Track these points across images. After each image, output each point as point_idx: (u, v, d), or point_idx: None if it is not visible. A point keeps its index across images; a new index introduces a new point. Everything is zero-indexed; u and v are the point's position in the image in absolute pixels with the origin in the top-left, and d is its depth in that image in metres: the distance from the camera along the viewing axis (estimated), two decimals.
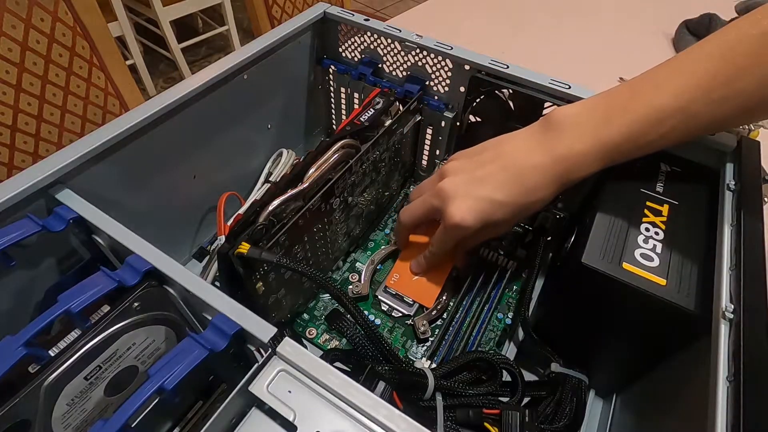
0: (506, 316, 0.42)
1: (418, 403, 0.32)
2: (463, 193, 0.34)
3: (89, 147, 0.31)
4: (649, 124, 0.29)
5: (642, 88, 0.30)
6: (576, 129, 0.31)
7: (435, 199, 0.36)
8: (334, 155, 0.37)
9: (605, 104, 0.31)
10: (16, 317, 0.31)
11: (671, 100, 0.28)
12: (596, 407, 0.38)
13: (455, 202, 0.34)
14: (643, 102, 0.29)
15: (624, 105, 0.30)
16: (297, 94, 0.51)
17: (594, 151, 0.30)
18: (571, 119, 0.32)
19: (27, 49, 0.65)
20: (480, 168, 0.34)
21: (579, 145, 0.31)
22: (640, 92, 0.30)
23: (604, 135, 0.30)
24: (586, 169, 0.31)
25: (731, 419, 0.21)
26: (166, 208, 0.40)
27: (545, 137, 0.32)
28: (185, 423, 0.32)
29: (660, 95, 0.29)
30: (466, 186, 0.34)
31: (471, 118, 0.44)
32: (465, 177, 0.34)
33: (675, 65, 0.29)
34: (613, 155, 0.31)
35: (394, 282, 0.42)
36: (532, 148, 0.33)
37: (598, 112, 0.31)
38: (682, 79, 0.28)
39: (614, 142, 0.30)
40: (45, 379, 0.23)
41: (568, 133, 0.31)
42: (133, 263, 0.26)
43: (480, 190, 0.34)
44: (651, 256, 0.29)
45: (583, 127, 0.31)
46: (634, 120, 0.29)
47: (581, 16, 0.89)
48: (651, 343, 0.31)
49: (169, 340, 0.29)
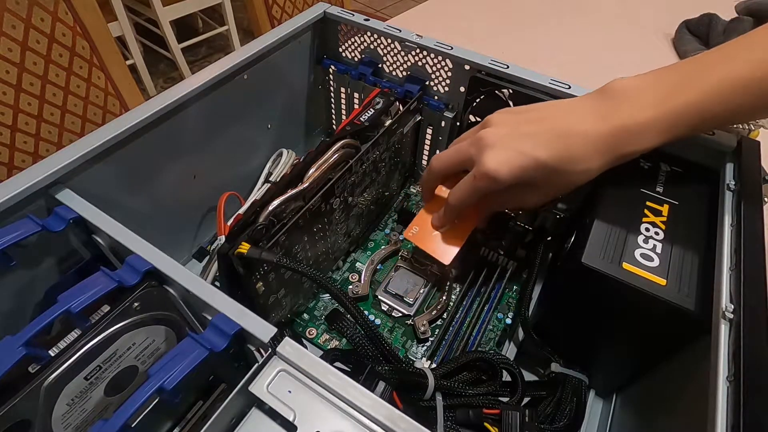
0: (506, 316, 0.42)
1: (418, 403, 0.32)
2: (504, 144, 0.31)
3: (89, 147, 0.31)
4: (721, 95, 0.27)
5: (713, 60, 0.28)
6: (639, 98, 0.29)
7: (472, 147, 0.33)
8: (334, 155, 0.37)
9: (673, 74, 0.29)
10: (16, 317, 0.31)
11: (747, 71, 0.27)
12: (596, 407, 0.38)
13: (493, 151, 0.31)
14: (716, 72, 0.28)
15: (694, 75, 0.28)
16: (297, 94, 0.51)
17: (657, 122, 0.28)
18: (633, 89, 0.30)
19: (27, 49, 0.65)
20: (527, 124, 0.32)
21: (641, 115, 0.29)
22: (714, 62, 0.28)
23: (671, 105, 0.28)
24: (644, 142, 0.29)
25: (731, 419, 0.21)
26: (166, 208, 0.40)
27: (603, 105, 0.30)
28: (185, 423, 0.32)
29: (734, 66, 0.27)
30: (508, 138, 0.31)
31: (471, 118, 0.44)
32: (508, 129, 0.32)
33: (747, 40, 0.28)
34: (676, 129, 0.29)
35: (412, 235, 0.40)
36: (587, 114, 0.30)
37: (664, 82, 0.29)
38: (758, 53, 0.27)
39: (680, 112, 0.28)
40: (45, 379, 0.23)
41: (630, 101, 0.29)
42: (133, 263, 0.26)
43: (522, 144, 0.31)
44: (651, 256, 0.29)
45: (648, 96, 0.29)
46: (705, 90, 0.28)
47: (581, 16, 0.89)
48: (651, 343, 0.31)
49: (169, 340, 0.29)
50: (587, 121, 0.30)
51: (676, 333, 0.29)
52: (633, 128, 0.29)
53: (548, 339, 0.37)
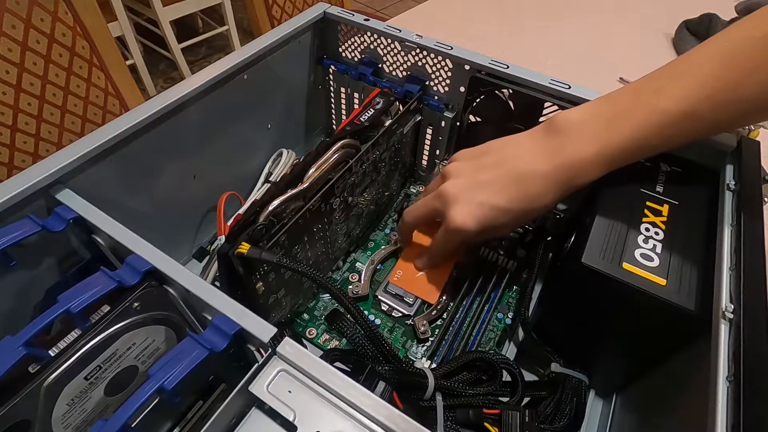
0: (506, 316, 0.42)
1: (418, 403, 0.32)
2: (465, 198, 0.34)
3: (89, 147, 0.31)
4: (654, 128, 0.29)
5: (646, 91, 0.30)
6: (580, 135, 0.31)
7: (437, 201, 0.36)
8: (334, 155, 0.37)
9: (609, 109, 0.31)
10: (16, 317, 0.31)
11: (675, 104, 0.28)
12: (596, 407, 0.38)
13: (456, 207, 0.34)
14: (648, 106, 0.29)
15: (628, 109, 0.30)
16: (297, 94, 0.51)
17: (599, 157, 0.30)
18: (575, 125, 0.31)
19: (27, 49, 0.65)
20: (482, 172, 0.34)
21: (583, 152, 0.31)
22: (644, 96, 0.30)
23: (609, 141, 0.30)
24: (589, 175, 0.31)
25: (731, 419, 0.21)
26: (166, 208, 0.40)
27: (549, 143, 0.32)
28: (185, 423, 0.32)
29: (664, 99, 0.28)
30: (467, 190, 0.34)
31: (471, 118, 0.44)
32: (466, 181, 0.34)
33: (678, 68, 0.29)
34: (616, 160, 0.31)
35: (397, 279, 0.42)
36: (536, 154, 0.32)
37: (602, 118, 0.31)
38: (687, 83, 0.28)
39: (619, 147, 0.30)
40: (45, 379, 0.23)
41: (573, 138, 0.31)
42: (133, 263, 0.26)
43: (481, 195, 0.33)
44: (651, 256, 0.29)
45: (588, 133, 0.31)
46: (638, 125, 0.29)
47: (581, 15, 0.89)
48: (651, 343, 0.31)
49: (169, 340, 0.29)
50: (537, 160, 0.32)
51: (676, 333, 0.29)
52: (577, 165, 0.31)
53: (548, 339, 0.37)
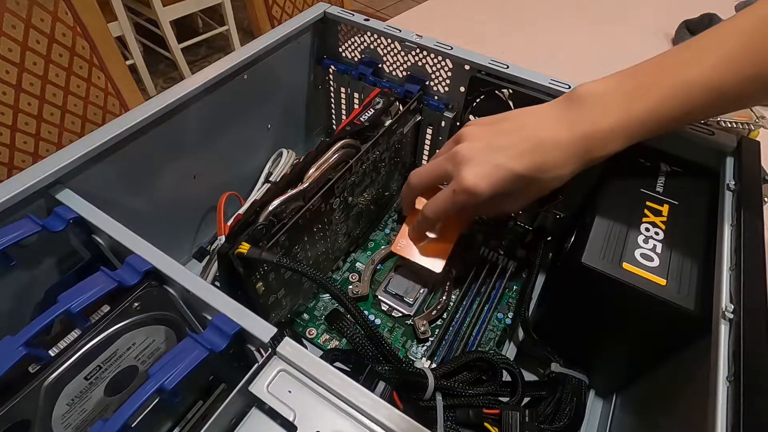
0: (506, 316, 0.42)
1: (418, 403, 0.32)
2: (480, 159, 0.32)
3: (89, 147, 0.31)
4: (677, 100, 0.28)
5: (670, 64, 0.29)
6: (601, 105, 0.30)
7: (449, 162, 0.34)
8: (334, 155, 0.37)
9: (632, 80, 0.30)
10: (16, 317, 0.31)
11: (701, 76, 0.28)
12: (596, 407, 0.38)
13: (470, 167, 0.32)
14: (672, 77, 0.29)
15: (651, 81, 0.29)
16: (297, 94, 0.51)
17: (619, 128, 0.30)
18: (596, 95, 0.31)
19: (27, 49, 0.65)
20: (499, 136, 0.33)
21: (604, 122, 0.30)
22: (669, 68, 0.29)
23: (630, 112, 0.29)
24: (609, 147, 0.30)
25: (731, 419, 0.21)
26: (166, 208, 0.40)
27: (569, 112, 0.31)
28: (185, 423, 0.32)
29: (689, 70, 0.28)
30: (483, 151, 0.32)
31: (471, 118, 0.44)
32: (483, 143, 0.33)
33: (703, 42, 0.29)
34: (637, 132, 0.30)
35: (400, 248, 0.40)
36: (556, 123, 0.32)
37: (624, 88, 0.30)
38: (713, 56, 0.28)
39: (640, 118, 0.29)
40: (45, 379, 0.23)
41: (594, 109, 0.31)
42: (133, 263, 0.26)
43: (498, 157, 0.32)
44: (651, 256, 0.29)
45: (609, 103, 0.30)
46: (662, 96, 0.29)
47: (581, 15, 0.89)
48: (651, 343, 0.31)
49: (169, 340, 0.29)
50: (556, 129, 0.31)
51: (676, 333, 0.29)
52: (598, 135, 0.30)
53: (548, 339, 0.37)
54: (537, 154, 0.31)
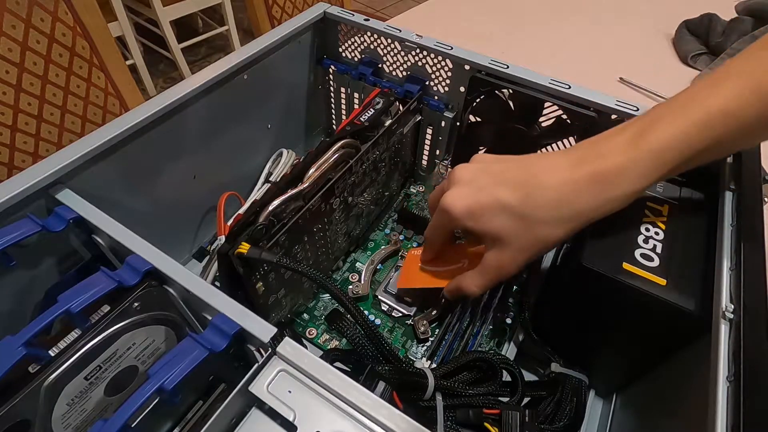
0: (506, 316, 0.42)
1: (418, 403, 0.32)
2: (468, 180, 0.31)
3: (89, 147, 0.31)
4: (696, 129, 0.25)
5: (688, 94, 0.27)
6: (610, 141, 0.27)
7: (447, 181, 0.33)
8: (334, 155, 0.37)
9: (645, 116, 0.28)
10: (16, 317, 0.31)
11: (722, 103, 0.25)
12: (596, 407, 0.38)
13: (456, 186, 0.31)
14: (689, 107, 0.26)
15: (666, 111, 0.27)
16: (297, 94, 0.51)
17: (631, 162, 0.26)
18: (606, 135, 0.28)
19: (27, 49, 0.65)
20: (498, 163, 0.31)
21: (617, 157, 0.26)
22: (686, 98, 0.27)
23: (644, 143, 0.26)
24: (622, 186, 0.26)
25: (731, 419, 0.21)
26: (166, 208, 0.40)
27: (577, 151, 0.29)
28: (185, 423, 0.32)
29: (708, 98, 0.26)
30: (474, 173, 0.31)
31: (471, 118, 0.44)
32: (480, 166, 0.32)
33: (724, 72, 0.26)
34: (654, 167, 0.26)
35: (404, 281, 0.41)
36: (560, 162, 0.28)
37: (636, 124, 0.27)
38: (736, 83, 0.25)
39: (654, 150, 0.26)
40: (45, 379, 0.23)
41: (600, 147, 0.27)
42: (133, 263, 0.26)
43: (484, 180, 0.30)
44: (651, 256, 0.29)
45: (620, 139, 0.27)
46: (678, 126, 0.26)
47: (581, 16, 0.89)
48: (651, 343, 0.31)
49: (169, 340, 0.29)
50: (558, 167, 0.28)
51: (676, 333, 0.29)
52: (606, 172, 0.27)
53: (548, 339, 0.37)
54: (528, 187, 0.28)
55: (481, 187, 0.30)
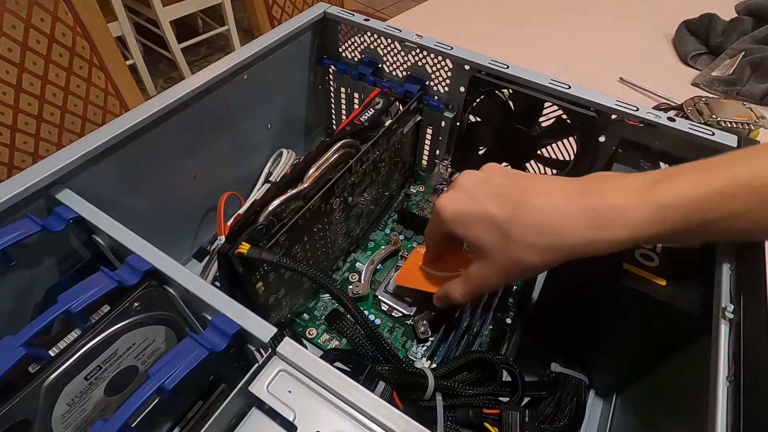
0: (506, 316, 0.42)
1: (418, 403, 0.32)
2: (466, 188, 0.31)
3: (89, 147, 0.31)
4: (715, 194, 0.23)
5: (712, 160, 0.25)
6: (618, 181, 0.26)
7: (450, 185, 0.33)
8: (334, 155, 0.37)
9: (672, 169, 0.25)
10: (16, 317, 0.31)
11: (746, 172, 0.23)
12: (596, 407, 0.38)
13: (452, 190, 0.31)
14: (710, 170, 0.24)
15: (684, 169, 0.25)
16: (297, 94, 0.51)
17: (634, 209, 0.24)
18: (614, 174, 0.27)
19: (27, 49, 0.65)
20: (499, 177, 0.30)
21: (616, 197, 0.25)
22: (708, 162, 0.24)
23: (651, 192, 0.24)
24: (615, 231, 0.24)
25: (731, 419, 0.21)
26: (166, 208, 0.40)
27: (580, 183, 0.27)
28: (185, 423, 0.32)
29: (733, 166, 0.24)
30: (473, 180, 0.31)
31: (471, 118, 0.44)
32: (484, 176, 0.31)
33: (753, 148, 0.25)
34: (655, 220, 0.24)
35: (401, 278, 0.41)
36: (560, 189, 0.27)
37: (658, 173, 0.25)
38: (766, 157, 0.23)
39: (660, 203, 0.24)
40: (45, 379, 0.23)
41: (606, 184, 0.26)
42: (133, 263, 0.26)
43: (478, 188, 0.30)
44: (651, 256, 0.29)
45: (633, 179, 0.25)
46: (698, 183, 0.23)
47: (581, 15, 0.89)
48: (651, 343, 0.31)
49: (169, 340, 0.29)
50: (555, 193, 0.27)
51: (676, 333, 0.29)
52: (604, 210, 0.25)
53: (548, 339, 0.37)
54: (519, 205, 0.27)
55: (474, 195, 0.30)
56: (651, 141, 0.36)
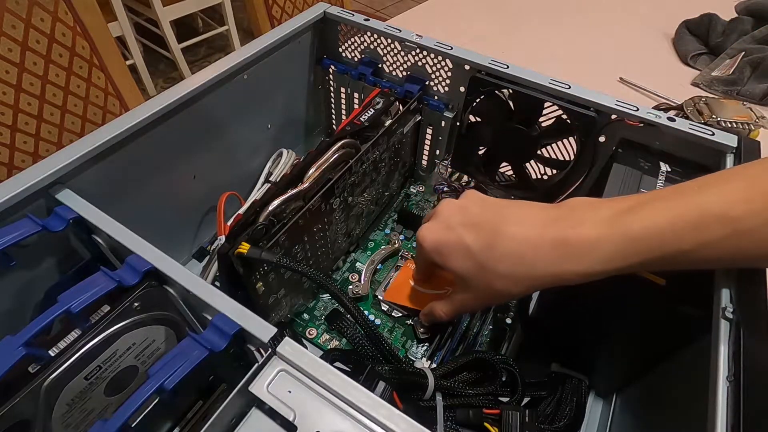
0: (506, 316, 0.42)
1: (418, 403, 0.32)
2: (444, 218, 0.31)
3: (89, 147, 0.31)
4: (687, 223, 0.23)
5: (685, 186, 0.24)
6: (590, 211, 0.26)
7: (431, 212, 0.34)
8: (334, 155, 0.37)
9: (634, 197, 0.26)
10: (16, 317, 0.31)
11: (718, 202, 0.22)
12: (596, 407, 0.38)
13: (433, 219, 0.32)
14: (682, 198, 0.24)
15: (656, 197, 0.25)
16: (297, 94, 0.51)
17: (605, 239, 0.24)
18: (588, 203, 0.26)
19: (27, 49, 0.65)
20: (479, 204, 0.31)
21: (589, 229, 0.25)
22: (682, 189, 0.24)
23: (622, 224, 0.24)
24: (584, 263, 0.25)
25: (731, 419, 0.21)
26: (166, 208, 0.40)
27: (552, 213, 0.27)
28: (185, 423, 0.32)
29: (704, 194, 0.23)
30: (453, 210, 0.31)
31: (471, 118, 0.44)
32: (462, 203, 0.32)
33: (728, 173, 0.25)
34: (626, 253, 0.24)
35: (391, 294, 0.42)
36: (533, 219, 0.27)
37: (622, 202, 0.25)
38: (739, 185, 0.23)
39: (630, 235, 0.24)
40: (45, 379, 0.23)
41: (579, 213, 0.26)
42: (133, 263, 0.26)
43: (456, 220, 0.30)
44: None
45: (601, 210, 0.25)
46: (669, 213, 0.23)
47: (581, 16, 0.89)
48: (651, 343, 0.31)
49: (169, 340, 0.29)
50: (529, 225, 0.27)
51: (676, 333, 0.29)
52: (575, 242, 0.25)
53: (548, 339, 0.37)
54: (494, 235, 0.28)
55: (451, 225, 0.30)
56: (651, 141, 0.36)
